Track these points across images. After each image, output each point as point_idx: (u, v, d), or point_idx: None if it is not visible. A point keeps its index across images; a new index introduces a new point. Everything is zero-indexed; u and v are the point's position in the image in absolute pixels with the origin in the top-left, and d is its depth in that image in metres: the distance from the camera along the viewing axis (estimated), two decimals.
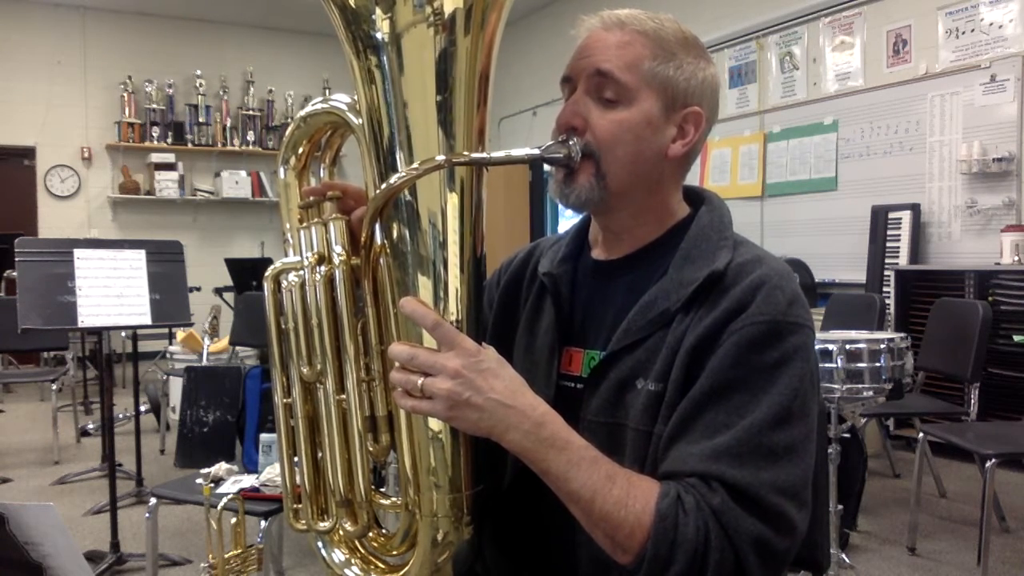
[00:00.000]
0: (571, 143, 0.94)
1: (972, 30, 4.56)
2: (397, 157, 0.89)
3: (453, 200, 0.89)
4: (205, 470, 2.35)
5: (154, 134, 8.27)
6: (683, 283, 0.94)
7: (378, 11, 0.86)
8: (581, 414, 0.96)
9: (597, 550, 0.87)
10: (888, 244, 4.86)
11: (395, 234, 0.89)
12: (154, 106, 8.26)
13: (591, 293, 1.04)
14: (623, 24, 0.96)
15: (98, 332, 3.55)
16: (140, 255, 3.03)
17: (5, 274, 5.75)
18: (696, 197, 1.04)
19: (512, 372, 0.88)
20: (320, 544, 1.01)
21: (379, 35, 0.87)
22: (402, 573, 0.95)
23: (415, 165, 0.86)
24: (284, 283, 0.98)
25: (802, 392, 0.88)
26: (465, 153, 0.88)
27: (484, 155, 0.88)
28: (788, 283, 0.92)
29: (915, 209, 4.76)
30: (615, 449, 0.91)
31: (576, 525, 0.87)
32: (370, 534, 0.98)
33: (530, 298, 1.10)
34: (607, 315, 1.00)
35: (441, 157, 0.85)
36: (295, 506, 1.00)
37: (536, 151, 0.93)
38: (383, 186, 0.87)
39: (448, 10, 0.86)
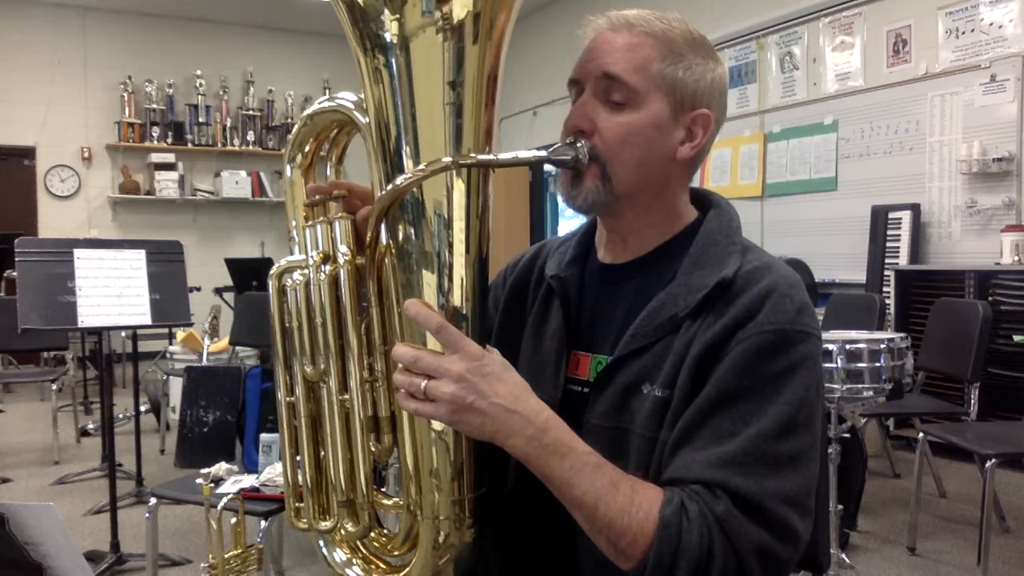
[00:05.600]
0: (578, 145, 0.94)
1: (972, 30, 4.56)
2: (404, 157, 0.88)
3: (459, 201, 0.89)
4: (205, 470, 2.35)
5: (154, 134, 8.27)
6: (692, 289, 0.93)
7: (387, 12, 0.86)
8: (585, 418, 0.96)
9: (600, 555, 0.87)
10: (888, 244, 4.86)
11: (401, 234, 0.89)
12: (154, 106, 8.26)
13: (599, 297, 1.04)
14: (631, 25, 0.95)
15: (98, 332, 3.55)
16: (140, 255, 3.03)
17: (5, 274, 5.75)
18: (704, 200, 1.04)
19: (516, 377, 0.87)
20: (321, 544, 1.01)
21: (387, 35, 0.87)
22: (403, 574, 0.95)
23: (422, 166, 0.85)
24: (288, 281, 0.98)
25: (808, 402, 0.88)
26: (472, 154, 0.87)
27: (491, 156, 0.87)
28: (797, 291, 0.92)
29: (915, 209, 4.76)
30: (620, 454, 0.90)
31: (579, 530, 0.87)
32: (371, 534, 0.98)
33: (537, 300, 1.09)
34: (615, 319, 1.00)
35: (448, 158, 0.85)
36: (297, 505, 1.00)
37: (543, 153, 0.92)
38: (389, 187, 0.86)
39: (457, 16, 0.85)
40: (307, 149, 1.04)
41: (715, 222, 0.99)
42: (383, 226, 0.90)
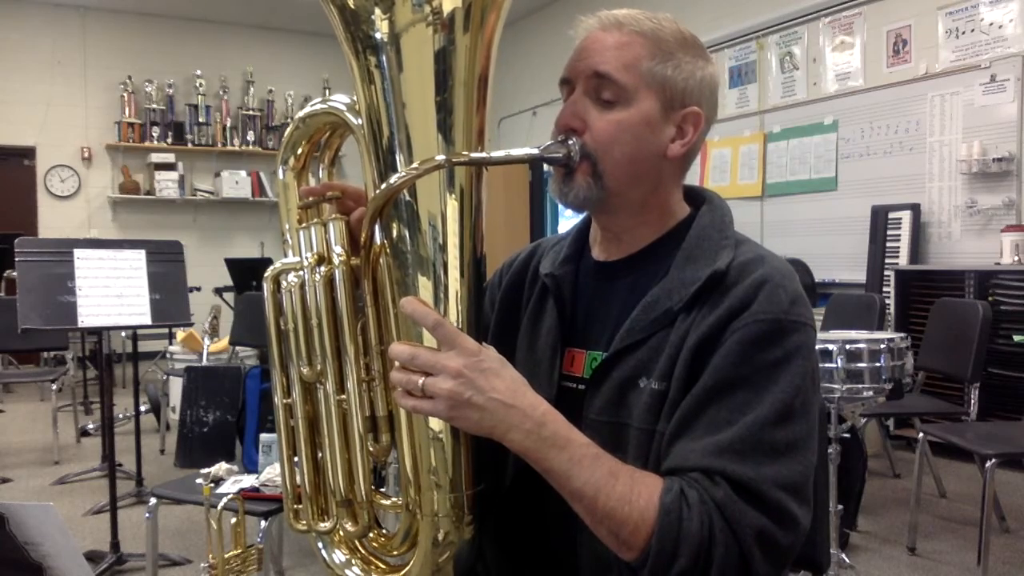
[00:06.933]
0: (570, 143, 0.95)
1: (972, 30, 4.56)
2: (397, 157, 0.89)
3: (453, 200, 0.89)
4: (205, 470, 2.35)
5: (154, 134, 8.27)
6: (685, 283, 0.94)
7: (377, 11, 0.86)
8: (583, 414, 0.96)
9: (599, 549, 0.88)
10: (888, 244, 4.86)
11: (395, 234, 0.89)
12: (154, 106, 8.26)
13: (593, 294, 1.04)
14: (621, 25, 0.96)
15: (98, 332, 3.55)
16: (140, 255, 3.03)
17: (5, 274, 5.75)
18: (697, 197, 1.05)
19: (513, 372, 0.88)
20: (320, 544, 1.01)
21: (378, 35, 0.87)
22: (403, 573, 0.95)
23: (415, 165, 0.86)
24: (284, 283, 0.98)
25: (804, 390, 0.88)
26: (465, 153, 0.88)
27: (484, 155, 0.88)
28: (790, 282, 0.93)
29: (915, 209, 4.76)
30: (618, 448, 0.91)
31: (578, 524, 0.88)
32: (371, 534, 0.98)
33: (532, 299, 1.10)
34: (609, 316, 1.01)
35: (441, 157, 0.85)
36: (295, 506, 1.00)
37: (535, 151, 0.93)
38: (383, 186, 0.87)
39: (447, 9, 0.86)
40: (300, 151, 1.05)
41: (707, 217, 1.00)
42: (377, 226, 0.90)
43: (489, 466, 0.96)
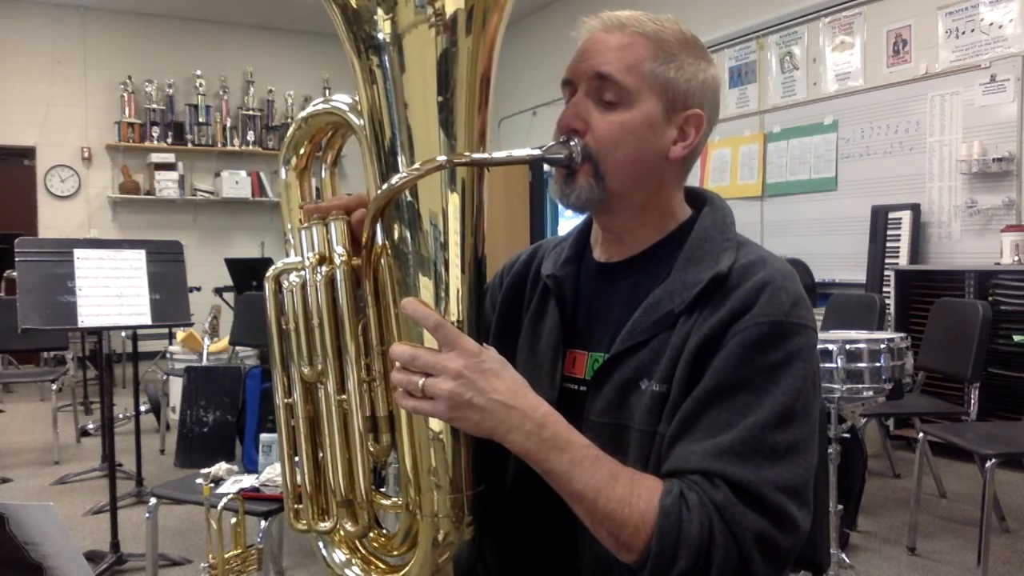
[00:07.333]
0: (572, 143, 0.95)
1: (972, 30, 4.56)
2: (398, 157, 0.89)
3: (454, 200, 0.89)
4: (205, 470, 2.35)
5: (154, 134, 8.27)
6: (687, 285, 0.94)
7: (379, 12, 0.86)
8: (585, 415, 0.96)
9: (599, 550, 0.88)
10: (888, 244, 4.86)
11: (396, 234, 0.89)
12: (154, 106, 8.26)
13: (594, 295, 1.04)
14: (623, 26, 0.96)
15: (98, 332, 3.55)
16: (140, 255, 3.03)
17: (5, 274, 5.75)
18: (698, 198, 1.05)
19: (514, 373, 0.88)
20: (321, 544, 1.01)
21: (380, 35, 0.87)
22: (403, 573, 0.95)
23: (416, 166, 0.86)
24: (285, 283, 0.98)
25: (804, 392, 0.88)
26: (466, 154, 0.88)
27: (485, 155, 0.88)
28: (792, 284, 0.93)
29: (915, 209, 4.76)
30: (619, 450, 0.91)
31: (578, 525, 0.88)
32: (371, 534, 0.98)
33: (533, 300, 1.10)
34: (610, 317, 1.01)
35: (442, 158, 0.85)
36: (296, 506, 1.00)
37: (537, 151, 0.93)
38: (384, 187, 0.87)
39: (449, 11, 0.86)
40: (302, 151, 1.04)
41: (709, 219, 1.00)
42: (379, 227, 0.90)
43: (490, 467, 0.96)
